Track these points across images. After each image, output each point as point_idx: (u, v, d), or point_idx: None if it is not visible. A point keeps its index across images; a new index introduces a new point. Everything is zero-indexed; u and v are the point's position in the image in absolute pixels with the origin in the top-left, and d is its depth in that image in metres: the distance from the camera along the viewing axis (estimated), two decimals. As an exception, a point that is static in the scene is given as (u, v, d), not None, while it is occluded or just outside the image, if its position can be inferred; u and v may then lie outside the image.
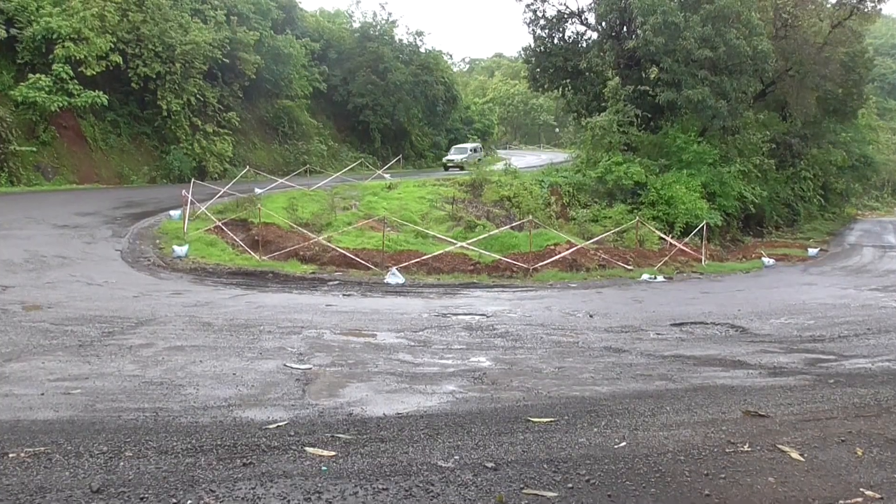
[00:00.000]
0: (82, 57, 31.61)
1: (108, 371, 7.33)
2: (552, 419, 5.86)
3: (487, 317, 11.59)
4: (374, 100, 55.84)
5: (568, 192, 33.32)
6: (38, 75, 30.64)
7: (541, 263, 19.12)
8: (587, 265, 19.85)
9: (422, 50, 61.79)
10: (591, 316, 11.91)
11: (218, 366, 7.66)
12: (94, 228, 20.70)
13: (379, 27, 57.79)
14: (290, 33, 48.35)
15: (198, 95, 38.41)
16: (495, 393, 6.86)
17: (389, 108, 56.39)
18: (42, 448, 4.99)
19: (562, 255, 20.05)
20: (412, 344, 9.21)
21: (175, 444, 5.16)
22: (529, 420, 5.83)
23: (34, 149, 30.91)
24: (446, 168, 48.76)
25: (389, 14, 60.66)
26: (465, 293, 15.06)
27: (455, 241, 20.62)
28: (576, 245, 21.33)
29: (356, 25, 58.77)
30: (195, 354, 8.15)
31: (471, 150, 52.50)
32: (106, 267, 15.74)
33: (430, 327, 10.42)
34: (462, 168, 46.77)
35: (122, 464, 4.73)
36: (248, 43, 41.82)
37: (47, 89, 30.53)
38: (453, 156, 52.06)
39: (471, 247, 19.86)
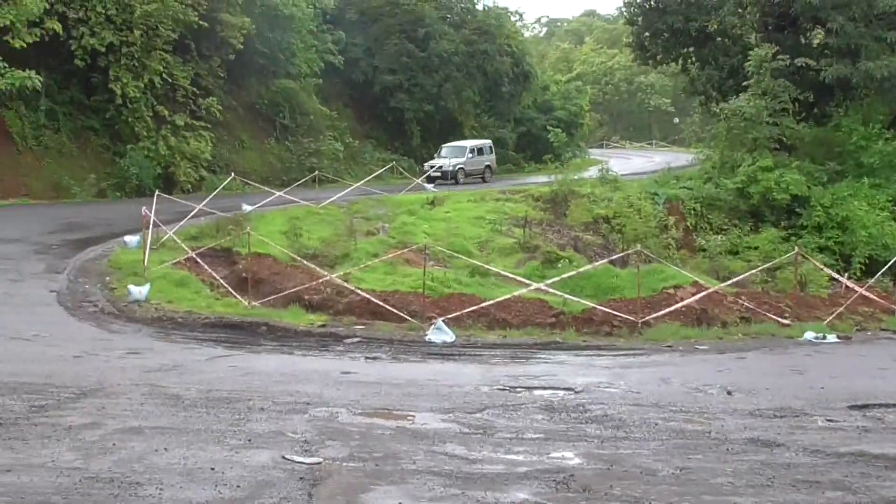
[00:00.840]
0: (7, 23, 32.63)
1: (39, 461, 7.46)
2: (672, 543, 5.77)
3: (576, 392, 11.50)
4: (411, 78, 56.36)
5: (694, 210, 33.04)
6: (-54, 49, 31.69)
7: (654, 315, 18.90)
8: (723, 318, 19.53)
9: (479, 7, 62.44)
10: (728, 393, 11.71)
11: (190, 457, 7.73)
12: (20, 261, 21.20)
13: (417, -25, 58.45)
14: (290, -14, 49.33)
15: (164, 75, 39.18)
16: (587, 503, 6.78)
17: (433, 90, 56.85)
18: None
19: (685, 302, 19.80)
20: (465, 431, 9.17)
21: (130, 570, 5.22)
22: (638, 544, 5.75)
23: (-60, 150, 31.92)
24: (430, 181, 44.91)
25: (431, -45, 60.51)
26: (544, 357, 14.96)
27: (528, 282, 20.55)
28: (706, 288, 21.05)
29: (385, -27, 59.59)
30: (158, 440, 8.24)
31: (472, 152, 49.80)
32: (37, 315, 16.07)
33: (491, 407, 10.37)
34: (457, 181, 45.58)
35: None
36: (232, 2, 42.71)
37: (-41, 68, 31.60)
38: (443, 160, 48.75)
39: (552, 289, 19.77)
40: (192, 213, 26.73)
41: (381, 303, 18.38)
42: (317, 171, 42.76)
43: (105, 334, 15.17)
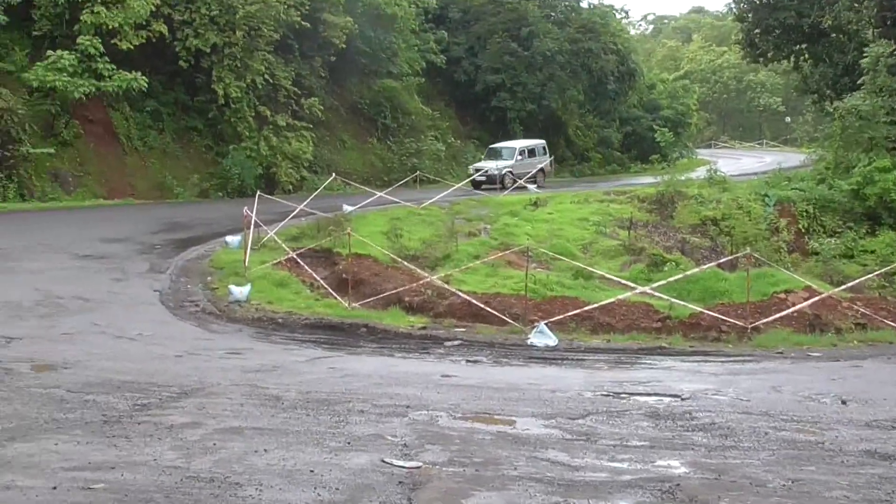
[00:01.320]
0: (116, 26, 33.66)
1: (142, 459, 7.63)
2: (784, 560, 5.61)
3: (682, 399, 11.29)
4: (514, 77, 56.38)
5: (806, 212, 32.24)
6: (58, 52, 32.84)
7: (764, 320, 18.48)
8: (837, 324, 18.98)
9: (583, 5, 62.12)
10: (843, 402, 11.36)
11: (289, 458, 7.81)
12: (125, 260, 21.81)
13: (521, -26, 58.49)
14: (394, -15, 49.67)
15: (266, 75, 39.91)
16: (695, 515, 6.65)
17: (536, 90, 56.79)
18: (52, 565, 5.23)
19: (797, 307, 19.31)
20: (568, 437, 9.08)
21: (229, 570, 5.28)
22: (749, 559, 5.61)
23: (52, 150, 33.17)
24: (476, 186, 43.23)
25: (537, -43, 60.51)
26: (649, 363, 14.75)
27: (633, 285, 20.29)
28: (819, 293, 20.50)
29: (488, -28, 59.78)
30: (257, 441, 8.36)
31: (521, 154, 47.13)
32: (140, 314, 16.50)
33: (594, 413, 10.25)
34: (504, 185, 42.26)
35: None
36: (335, 2, 43.21)
37: (70, 70, 32.67)
38: (489, 162, 46.28)
39: (657, 293, 19.50)
40: (293, 214, 27.13)
41: (482, 305, 18.35)
42: (418, 172, 43.09)
43: (206, 334, 15.50)
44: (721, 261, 24.15)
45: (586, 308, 18.57)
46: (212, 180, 38.60)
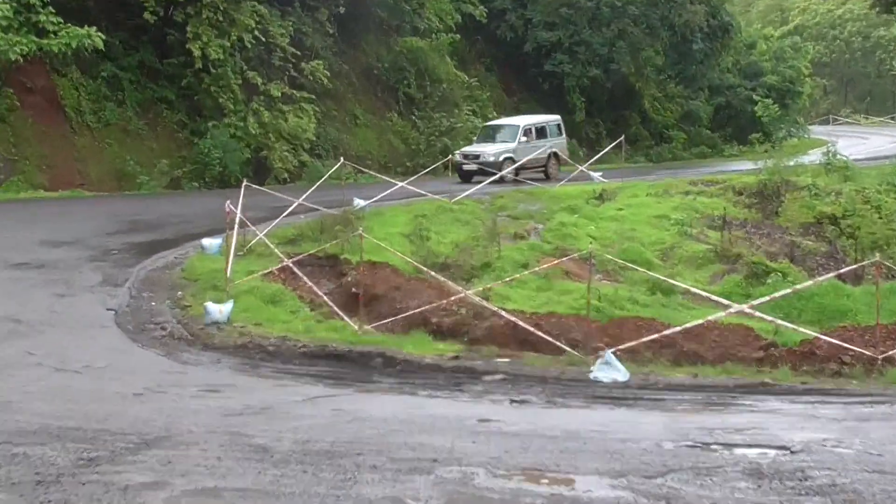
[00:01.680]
0: (65, -32, 33.95)
1: (86, 533, 7.59)
2: None
3: (792, 452, 11.14)
4: (574, 35, 56.40)
5: (956, 207, 31.99)
6: (-13, 0, 33.15)
7: (899, 349, 18.28)
8: None
9: (665, -57, 62.07)
10: None
11: (279, 530, 7.77)
12: (71, 269, 21.91)
13: None
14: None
15: (257, 32, 40.02)
16: None
17: (602, 51, 56.79)
18: None
19: (943, 332, 19.07)
20: (643, 502, 8.98)
21: None
22: None
23: (-21, 129, 33.45)
24: (465, 178, 40.63)
25: None
26: (748, 404, 14.59)
27: (727, 303, 20.11)
28: (972, 314, 20.26)
29: None
30: (239, 507, 8.32)
31: (527, 135, 44.27)
32: (89, 339, 16.56)
33: (678, 469, 10.13)
34: (500, 175, 38.81)
35: None
36: (347, -64, 43.45)
37: (4, 25, 32.90)
38: (482, 146, 43.60)
39: (759, 313, 19.31)
40: (290, 210, 27.17)
41: (532, 328, 18.27)
42: (451, 156, 42.97)
43: (175, 366, 15.50)
44: (842, 271, 23.92)
45: (666, 332, 18.43)
46: (185, 166, 38.77)
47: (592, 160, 45.00)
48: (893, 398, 15.47)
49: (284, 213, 26.76)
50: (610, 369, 16.12)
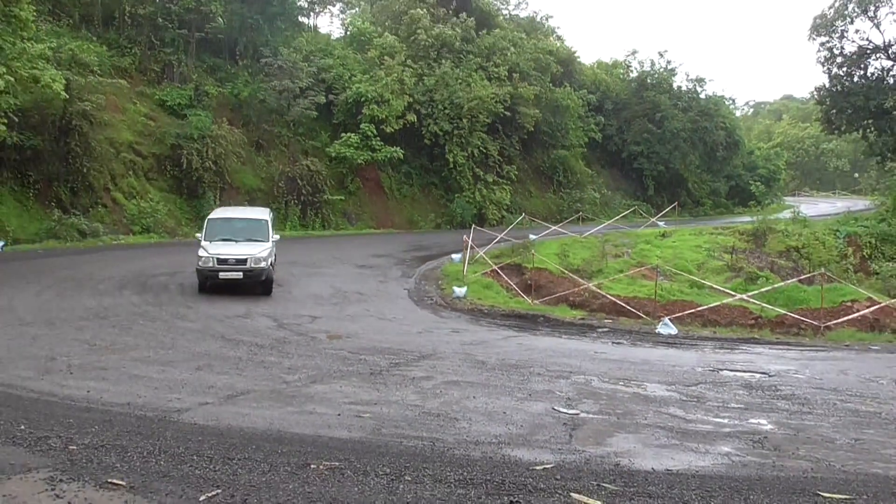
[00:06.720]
0: (384, 117, 35.24)
1: (394, 399, 7.90)
2: (848, 497, 5.18)
3: (769, 376, 10.63)
4: (650, 147, 54.78)
5: (869, 243, 29.71)
6: (348, 134, 34.84)
7: (834, 321, 17.15)
8: (893, 326, 17.39)
9: (701, 96, 59.55)
10: (896, 384, 10.38)
11: (489, 403, 7.89)
12: (386, 269, 22.63)
13: (657, 76, 56.94)
14: (567, 86, 49.27)
15: (481, 148, 40.54)
16: (777, 460, 6.24)
17: (665, 156, 54.90)
18: (336, 463, 5.50)
19: (861, 313, 17.81)
20: (684, 398, 8.74)
21: (448, 474, 5.39)
22: (819, 495, 5.21)
23: (342, 197, 35.11)
24: (204, 285, 16.24)
25: (668, 62, 58.64)
26: (745, 349, 13.96)
27: (734, 293, 19.29)
28: (878, 302, 18.82)
29: (633, 75, 58.45)
30: (469, 390, 8.48)
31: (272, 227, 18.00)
32: (395, 304, 17.08)
33: (703, 382, 9.81)
34: (268, 288, 15.97)
35: (401, 487, 5.04)
36: (527, 97, 43.41)
37: (355, 146, 34.57)
38: (229, 246, 16.50)
39: (752, 299, 18.44)
40: (496, 240, 27.28)
41: (623, 304, 17.99)
42: (580, 213, 42.60)
43: (437, 319, 15.82)
44: (801, 277, 22.61)
45: (699, 309, 17.91)
46: (443, 217, 39.43)
47: (659, 216, 43.51)
48: (829, 349, 14.55)
49: (493, 242, 26.86)
50: (667, 327, 15.69)
